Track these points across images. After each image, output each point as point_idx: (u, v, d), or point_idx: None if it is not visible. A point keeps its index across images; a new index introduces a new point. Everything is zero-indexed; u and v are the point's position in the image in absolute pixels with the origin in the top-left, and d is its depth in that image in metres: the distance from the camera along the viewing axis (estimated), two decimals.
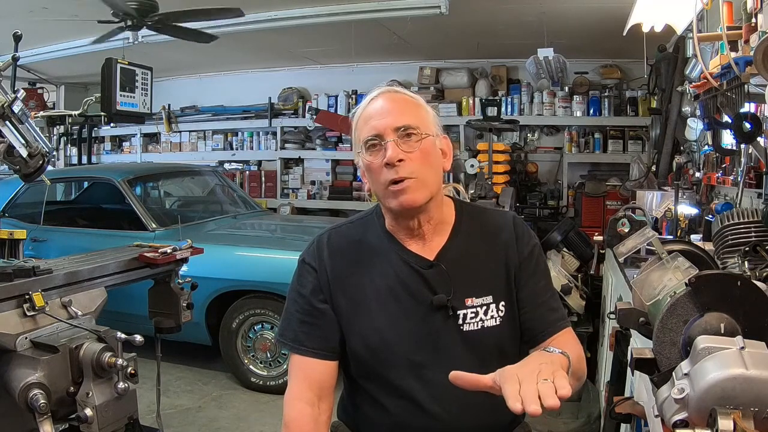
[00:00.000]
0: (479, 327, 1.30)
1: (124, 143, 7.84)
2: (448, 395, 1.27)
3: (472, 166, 4.69)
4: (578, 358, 1.26)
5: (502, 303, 1.32)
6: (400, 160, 1.23)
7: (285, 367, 3.65)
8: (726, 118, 2.41)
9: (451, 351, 1.29)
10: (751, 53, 1.67)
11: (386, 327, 1.30)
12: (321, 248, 1.37)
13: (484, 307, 1.31)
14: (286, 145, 6.83)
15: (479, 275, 1.33)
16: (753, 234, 1.84)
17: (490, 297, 1.32)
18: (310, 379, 1.31)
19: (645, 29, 3.16)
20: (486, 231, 1.38)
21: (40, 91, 6.65)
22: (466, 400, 1.27)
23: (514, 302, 1.34)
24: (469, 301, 1.30)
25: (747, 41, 1.85)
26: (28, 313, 1.86)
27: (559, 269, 3.68)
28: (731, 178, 2.91)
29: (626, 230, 2.45)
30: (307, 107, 6.58)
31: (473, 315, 1.30)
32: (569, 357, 1.14)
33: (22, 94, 2.08)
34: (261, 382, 3.72)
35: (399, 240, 1.35)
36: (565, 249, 4.02)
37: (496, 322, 1.31)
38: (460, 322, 1.29)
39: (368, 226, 1.40)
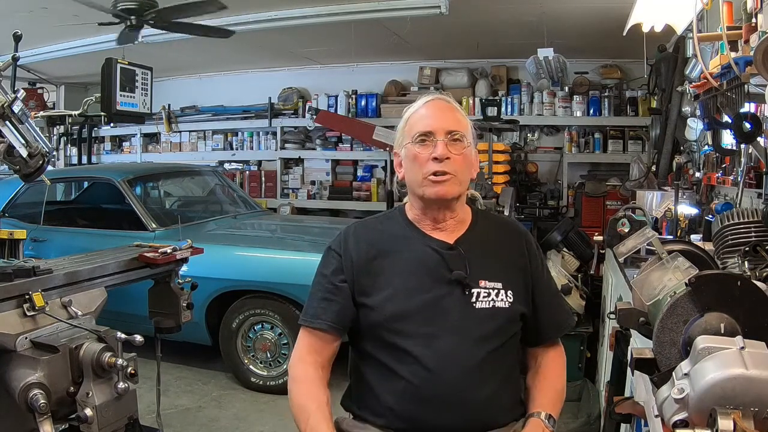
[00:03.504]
0: (491, 306, 1.43)
1: (124, 143, 7.84)
2: (458, 362, 1.39)
3: None
4: (560, 390, 1.50)
5: (511, 291, 1.46)
6: (447, 158, 1.42)
7: (285, 367, 3.65)
8: (726, 118, 2.41)
9: (460, 323, 1.41)
10: (751, 53, 1.67)
11: (404, 299, 1.43)
12: (347, 237, 1.53)
13: (496, 290, 1.45)
14: (286, 145, 6.83)
15: (493, 263, 1.49)
16: (753, 234, 1.83)
17: (500, 284, 1.46)
18: (315, 348, 1.46)
19: (645, 29, 3.16)
20: (500, 231, 1.58)
21: (40, 91, 6.65)
22: (476, 367, 1.40)
23: (520, 295, 1.48)
24: (483, 283, 1.44)
25: (747, 41, 1.84)
26: (28, 313, 1.86)
27: (559, 269, 3.68)
28: (731, 178, 2.91)
29: (626, 230, 2.45)
30: (307, 107, 6.58)
31: (486, 294, 1.44)
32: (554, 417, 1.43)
33: (22, 94, 2.08)
34: (261, 382, 3.72)
35: (422, 229, 1.51)
36: (565, 249, 4.02)
37: (505, 305, 1.44)
38: (474, 299, 1.43)
39: (392, 220, 1.56)
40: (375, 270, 1.47)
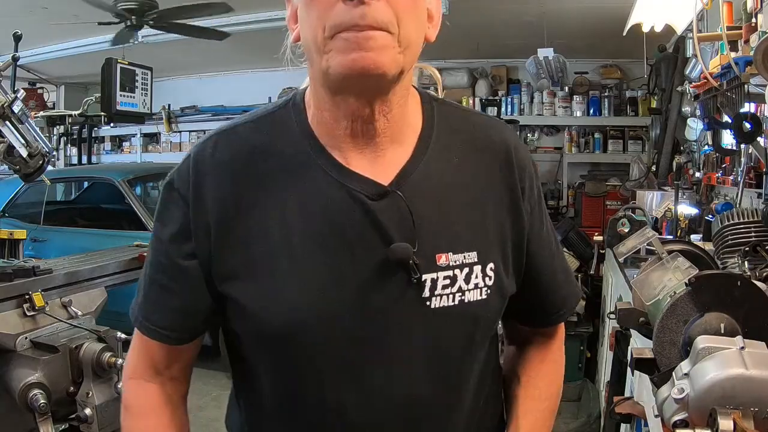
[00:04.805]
0: (456, 302, 0.78)
1: (124, 143, 7.84)
2: (411, 407, 0.80)
3: None
4: (551, 405, 0.95)
5: (491, 265, 0.80)
6: None
7: None
8: (726, 118, 2.42)
9: (407, 341, 0.78)
10: (751, 53, 1.67)
11: (305, 298, 0.76)
12: (200, 165, 0.80)
13: (466, 269, 0.79)
14: None
15: (461, 218, 0.81)
16: (753, 234, 1.84)
17: (475, 254, 0.79)
18: (156, 359, 0.90)
19: (645, 29, 3.17)
20: (474, 147, 0.84)
21: (40, 91, 6.65)
22: (439, 408, 0.82)
23: (509, 262, 0.84)
24: (442, 258, 0.78)
25: (747, 41, 1.85)
26: (28, 313, 1.87)
27: None
28: (731, 178, 2.91)
29: (626, 230, 2.45)
30: None
31: (447, 282, 0.78)
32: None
33: (22, 94, 2.08)
34: None
35: (331, 148, 0.79)
36: (565, 249, 4.02)
37: (482, 294, 0.80)
38: (426, 293, 0.77)
39: (280, 125, 0.82)
40: (249, 236, 0.77)
